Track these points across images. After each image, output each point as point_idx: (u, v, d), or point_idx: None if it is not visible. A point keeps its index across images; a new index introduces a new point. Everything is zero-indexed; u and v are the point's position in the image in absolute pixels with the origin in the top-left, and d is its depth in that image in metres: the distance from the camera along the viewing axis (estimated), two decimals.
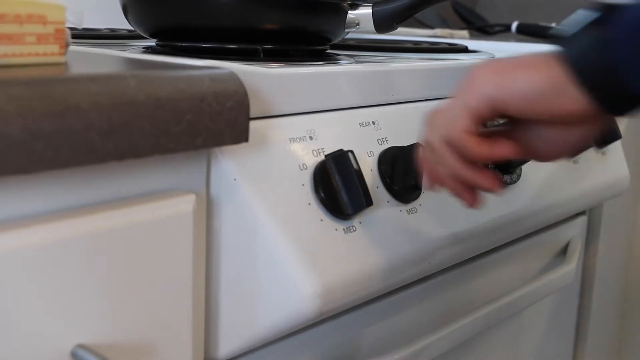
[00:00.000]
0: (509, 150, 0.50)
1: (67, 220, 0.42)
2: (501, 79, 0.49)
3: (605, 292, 1.11)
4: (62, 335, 0.42)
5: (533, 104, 0.48)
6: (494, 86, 0.49)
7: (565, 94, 0.47)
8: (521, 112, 0.49)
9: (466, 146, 0.50)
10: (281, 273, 0.51)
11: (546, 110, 0.48)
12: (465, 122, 0.49)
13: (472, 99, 0.49)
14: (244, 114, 0.48)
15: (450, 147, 0.51)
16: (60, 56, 0.46)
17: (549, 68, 0.48)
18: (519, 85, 0.48)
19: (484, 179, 0.51)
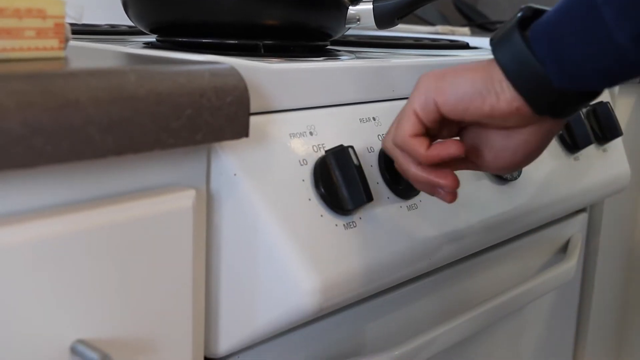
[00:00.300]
0: (456, 150, 0.52)
1: (67, 216, 0.42)
2: (441, 82, 0.52)
3: (606, 289, 1.11)
4: (61, 330, 0.42)
5: (469, 104, 0.51)
6: (433, 89, 0.52)
7: (499, 95, 0.50)
8: (458, 113, 0.52)
9: (413, 149, 0.53)
10: (281, 268, 0.51)
11: (481, 110, 0.51)
12: (409, 125, 0.53)
13: (415, 102, 0.53)
14: (244, 109, 0.48)
15: (402, 151, 0.54)
16: (60, 51, 0.46)
17: (486, 70, 0.51)
18: (456, 87, 0.51)
19: (439, 178, 0.53)
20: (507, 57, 0.50)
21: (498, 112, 0.50)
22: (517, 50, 0.49)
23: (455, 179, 0.54)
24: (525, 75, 0.49)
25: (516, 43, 0.49)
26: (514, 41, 0.49)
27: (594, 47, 0.47)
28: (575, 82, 0.49)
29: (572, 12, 0.47)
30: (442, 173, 0.54)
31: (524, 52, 0.49)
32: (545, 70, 0.48)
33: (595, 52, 0.47)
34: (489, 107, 0.50)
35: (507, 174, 0.72)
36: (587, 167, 0.86)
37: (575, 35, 0.47)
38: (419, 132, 0.53)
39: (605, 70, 0.48)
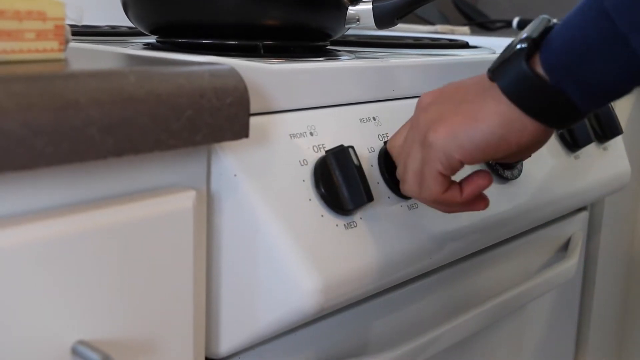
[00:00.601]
0: (485, 183, 0.54)
1: (68, 217, 0.42)
2: (457, 140, 0.51)
3: (607, 287, 1.11)
4: (62, 331, 0.42)
5: (495, 151, 0.51)
6: (452, 148, 0.51)
7: (522, 132, 0.50)
8: (487, 160, 0.53)
9: (451, 202, 0.54)
10: (282, 269, 0.51)
11: (508, 150, 0.51)
12: (439, 186, 0.53)
13: (437, 164, 0.52)
14: (244, 110, 0.48)
15: (435, 202, 0.55)
16: (60, 52, 0.46)
17: (502, 114, 0.50)
18: (477, 142, 0.51)
19: (477, 207, 0.57)
20: (524, 95, 0.49)
21: (524, 144, 0.51)
22: (534, 86, 0.49)
23: (487, 203, 0.57)
24: (549, 108, 0.49)
25: (530, 79, 0.49)
26: (527, 77, 0.49)
27: (622, 75, 0.47)
28: (600, 104, 0.50)
29: (590, 41, 0.47)
30: (477, 203, 0.56)
31: (543, 88, 0.48)
32: (571, 100, 0.48)
33: (623, 78, 0.47)
34: (515, 146, 0.51)
35: (508, 173, 0.72)
36: (587, 165, 0.86)
37: (599, 63, 0.47)
38: (448, 187, 0.54)
39: (630, 89, 0.49)
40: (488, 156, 0.52)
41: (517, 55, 0.50)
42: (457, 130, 0.51)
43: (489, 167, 0.71)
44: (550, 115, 0.49)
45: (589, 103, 0.49)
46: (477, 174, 0.54)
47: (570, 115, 0.50)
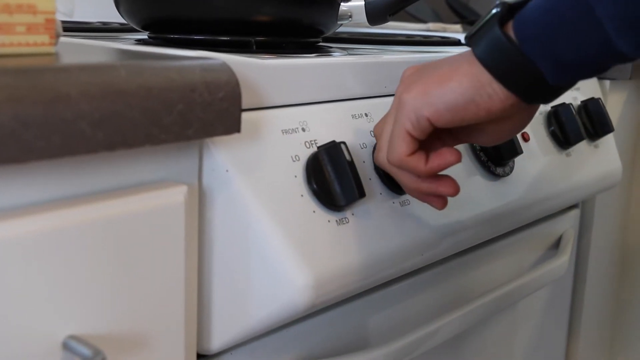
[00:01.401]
0: (453, 159, 0.53)
1: (58, 211, 0.42)
2: (428, 97, 0.51)
3: (598, 284, 1.11)
4: (53, 326, 0.42)
5: (464, 112, 0.51)
6: (422, 106, 0.51)
7: (492, 97, 0.50)
8: (455, 122, 0.52)
9: (413, 167, 0.53)
10: (274, 264, 0.51)
11: (477, 115, 0.51)
12: (405, 146, 0.53)
13: (406, 122, 0.52)
14: (236, 105, 0.48)
15: (400, 169, 0.54)
16: (51, 46, 0.46)
17: (472, 75, 0.50)
18: (446, 99, 0.51)
19: (441, 187, 0.55)
20: (495, 60, 0.50)
21: (493, 112, 0.51)
22: (505, 51, 0.49)
23: (456, 186, 0.55)
24: (518, 75, 0.49)
25: (502, 44, 0.49)
26: (498, 42, 0.49)
27: (591, 50, 0.47)
28: (570, 78, 0.50)
29: (563, 16, 0.47)
30: (444, 182, 0.55)
31: (513, 54, 0.49)
32: (539, 70, 0.49)
33: (593, 54, 0.48)
34: (484, 111, 0.51)
35: (500, 170, 0.72)
36: (578, 163, 0.86)
37: (571, 39, 0.47)
38: (414, 150, 0.53)
39: (601, 66, 0.49)
40: (457, 117, 0.51)
41: (491, 19, 0.50)
42: (429, 89, 0.51)
43: (481, 164, 0.71)
44: (518, 83, 0.49)
45: (558, 77, 0.49)
46: (447, 149, 0.53)
47: (539, 88, 0.50)
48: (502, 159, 0.71)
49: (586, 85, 0.96)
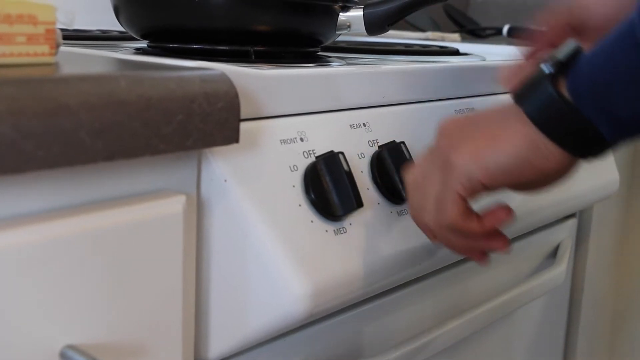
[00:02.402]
0: (507, 219, 0.52)
1: (57, 221, 0.42)
2: (480, 160, 0.49)
3: (595, 294, 1.12)
4: (51, 335, 0.42)
5: (519, 174, 0.49)
6: (474, 168, 0.50)
7: (548, 157, 0.48)
8: (509, 184, 0.50)
9: (467, 230, 0.52)
10: (271, 274, 0.51)
11: (532, 175, 0.49)
12: (457, 209, 0.51)
13: (458, 185, 0.50)
14: (234, 115, 0.48)
15: (452, 231, 0.53)
16: (51, 56, 0.46)
17: (526, 136, 0.48)
18: (499, 162, 0.49)
19: (493, 244, 0.54)
20: (550, 121, 0.48)
21: (549, 172, 0.49)
22: (560, 112, 0.47)
23: (508, 242, 0.54)
24: (575, 136, 0.47)
25: (556, 104, 0.47)
26: (552, 102, 0.47)
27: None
28: (629, 135, 0.48)
29: (619, 73, 0.45)
30: (496, 239, 0.53)
31: (570, 115, 0.47)
32: (598, 130, 0.47)
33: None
34: (540, 172, 0.49)
35: None
36: (576, 173, 0.86)
37: (629, 97, 0.45)
38: (467, 212, 0.52)
39: None
40: (512, 180, 0.50)
41: (543, 77, 0.48)
42: (481, 151, 0.50)
43: None
44: (576, 143, 0.48)
45: (616, 134, 0.47)
46: (500, 207, 0.52)
47: (597, 145, 0.48)
48: None
49: None
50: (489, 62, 0.81)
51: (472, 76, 0.76)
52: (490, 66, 0.79)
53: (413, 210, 0.55)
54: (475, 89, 0.76)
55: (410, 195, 0.55)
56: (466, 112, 0.73)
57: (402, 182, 0.59)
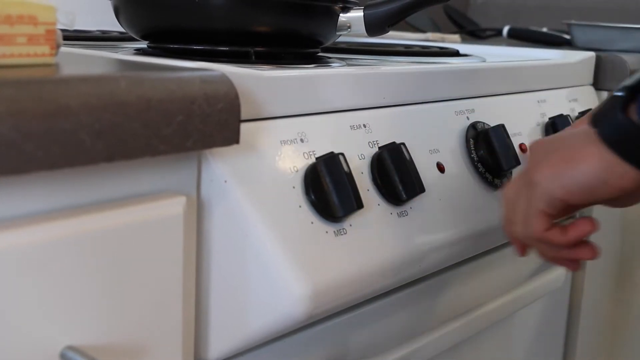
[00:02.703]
0: (590, 229, 0.56)
1: (57, 221, 0.42)
2: (560, 179, 0.54)
3: (595, 295, 1.12)
4: (51, 336, 0.42)
5: (597, 193, 0.53)
6: (555, 188, 0.54)
7: (623, 176, 0.52)
8: (589, 202, 0.54)
9: (552, 241, 0.56)
10: (271, 275, 0.51)
11: (609, 193, 0.53)
12: (541, 224, 0.56)
13: (540, 203, 0.55)
14: (234, 116, 0.48)
15: (539, 242, 0.58)
16: (51, 57, 0.46)
17: (602, 157, 0.52)
18: (578, 181, 0.53)
19: (581, 254, 0.58)
20: (622, 144, 0.51)
21: (626, 189, 0.52)
22: (630, 136, 0.51)
23: (595, 251, 0.58)
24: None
25: (626, 129, 0.51)
26: (623, 127, 0.51)
27: None
28: None
29: None
30: (583, 249, 0.57)
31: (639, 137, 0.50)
32: None
33: None
34: (617, 190, 0.52)
35: (498, 181, 0.72)
36: None
37: None
38: (550, 225, 0.56)
39: None
40: (591, 198, 0.53)
41: (614, 103, 0.52)
42: (560, 171, 0.54)
43: (479, 175, 0.71)
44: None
45: None
46: (583, 220, 0.56)
47: None
48: (500, 169, 0.72)
49: (584, 96, 0.96)
50: (489, 64, 0.81)
51: (473, 77, 0.76)
52: (491, 67, 0.79)
53: (505, 222, 0.60)
54: (475, 90, 0.76)
55: (504, 209, 0.60)
56: (466, 113, 0.73)
57: (402, 183, 0.60)
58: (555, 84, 0.90)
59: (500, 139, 0.71)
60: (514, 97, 0.82)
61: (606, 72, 1.01)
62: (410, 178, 0.60)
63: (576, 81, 0.94)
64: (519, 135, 0.79)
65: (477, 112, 0.75)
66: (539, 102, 0.85)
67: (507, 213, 0.60)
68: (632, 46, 1.13)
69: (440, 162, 0.67)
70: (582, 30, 1.20)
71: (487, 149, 0.71)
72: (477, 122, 0.73)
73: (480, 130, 0.72)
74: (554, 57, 0.98)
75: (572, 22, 1.22)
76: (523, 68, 0.85)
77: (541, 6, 1.66)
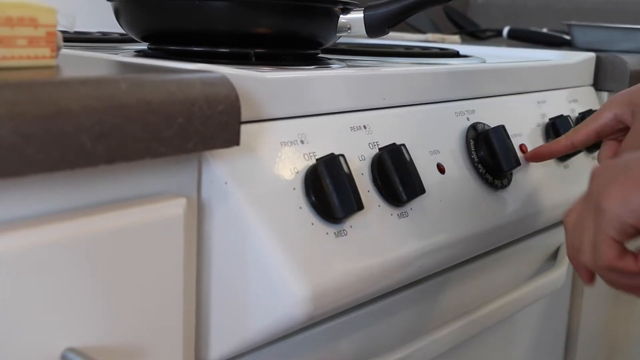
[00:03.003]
0: None
1: (58, 224, 0.42)
2: (630, 204, 0.51)
3: (596, 296, 1.12)
4: (52, 338, 0.42)
5: None
6: (625, 214, 0.51)
7: None
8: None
9: (624, 269, 0.53)
10: (272, 277, 0.51)
11: None
12: (612, 252, 0.53)
13: (610, 230, 0.52)
14: (235, 118, 0.48)
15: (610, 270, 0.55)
16: (52, 59, 0.46)
17: None
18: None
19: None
20: None
21: None
22: None
23: None
24: None
25: None
26: None
27: None
28: None
29: None
30: None
31: None
32: None
33: None
34: None
35: (498, 182, 0.72)
36: (576, 174, 0.86)
37: None
38: (622, 253, 0.53)
39: None
40: None
41: None
42: (629, 195, 0.51)
43: (479, 176, 0.71)
44: None
45: None
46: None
47: None
48: (501, 170, 0.72)
49: (584, 97, 0.96)
50: (489, 65, 0.81)
51: (473, 78, 0.76)
52: (491, 68, 0.80)
53: (571, 250, 0.58)
54: (475, 91, 0.77)
55: (568, 236, 0.58)
56: (467, 114, 0.73)
57: (402, 184, 0.60)
58: (556, 85, 0.90)
59: (500, 139, 0.71)
60: (514, 98, 0.82)
61: (606, 73, 1.00)
62: (410, 179, 0.60)
63: (576, 82, 0.94)
64: (519, 136, 0.79)
65: (477, 113, 0.75)
66: (539, 102, 0.85)
67: (571, 241, 0.57)
68: (632, 47, 1.13)
69: (440, 163, 0.67)
70: (582, 31, 1.20)
71: (488, 150, 0.71)
72: (477, 123, 0.73)
73: (481, 131, 0.72)
74: (554, 58, 0.98)
75: (572, 23, 1.22)
76: (523, 69, 0.85)
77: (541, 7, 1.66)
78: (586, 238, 0.55)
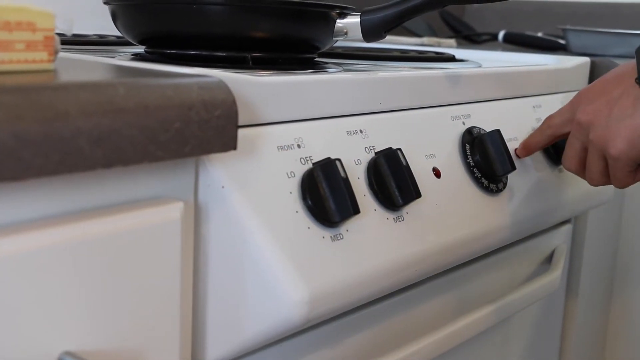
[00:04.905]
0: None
1: (55, 227, 0.42)
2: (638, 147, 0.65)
3: (590, 299, 1.12)
4: (49, 341, 0.42)
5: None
6: (637, 155, 0.66)
7: None
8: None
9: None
10: (268, 280, 0.51)
11: None
12: (632, 179, 0.68)
13: (628, 167, 0.67)
14: (232, 122, 0.48)
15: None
16: (50, 63, 0.46)
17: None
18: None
19: None
20: None
21: None
22: None
23: None
24: None
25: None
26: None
27: None
28: None
29: None
30: None
31: None
32: None
33: None
34: None
35: (493, 186, 0.73)
36: (571, 178, 0.86)
37: None
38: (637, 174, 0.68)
39: None
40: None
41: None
42: (634, 140, 0.64)
43: (474, 180, 0.71)
44: None
45: None
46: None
47: None
48: (496, 175, 0.72)
49: None
50: (484, 69, 0.82)
51: (469, 83, 0.76)
52: (486, 73, 0.80)
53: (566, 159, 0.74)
54: (471, 95, 0.77)
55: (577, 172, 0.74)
56: (462, 118, 0.74)
57: (398, 188, 0.60)
58: (551, 89, 0.91)
59: (495, 144, 0.72)
60: (509, 102, 0.83)
61: None
62: (406, 183, 0.60)
63: (571, 86, 0.95)
64: (514, 140, 0.79)
65: (473, 117, 0.75)
66: (534, 107, 0.86)
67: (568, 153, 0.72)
68: (626, 51, 1.13)
69: (436, 167, 0.68)
70: (577, 36, 1.21)
71: (483, 154, 0.72)
72: (472, 128, 0.73)
73: (476, 136, 0.73)
74: (549, 62, 0.98)
75: (567, 27, 1.23)
76: (519, 73, 0.86)
77: (536, 11, 1.67)
78: (594, 168, 0.69)
